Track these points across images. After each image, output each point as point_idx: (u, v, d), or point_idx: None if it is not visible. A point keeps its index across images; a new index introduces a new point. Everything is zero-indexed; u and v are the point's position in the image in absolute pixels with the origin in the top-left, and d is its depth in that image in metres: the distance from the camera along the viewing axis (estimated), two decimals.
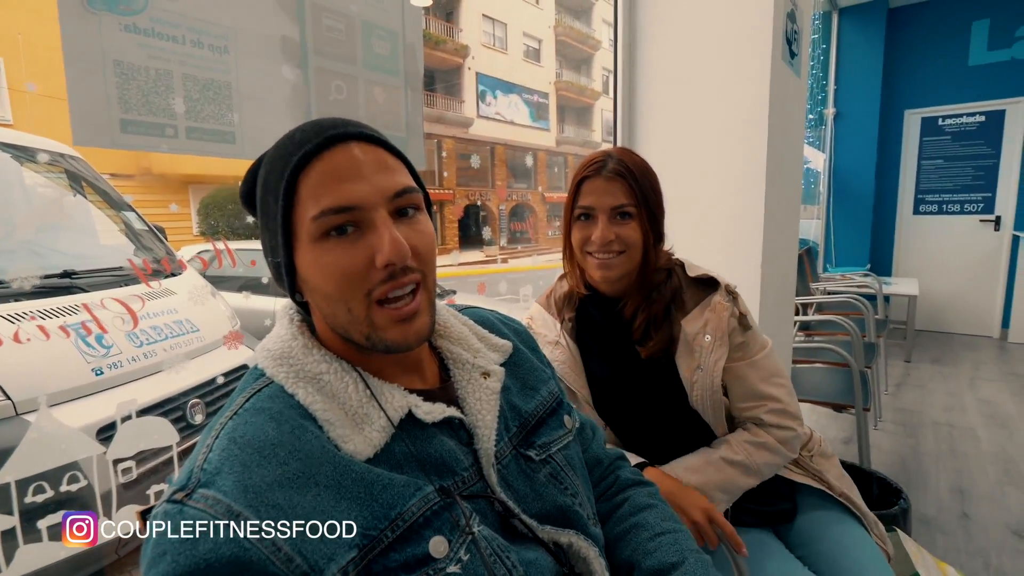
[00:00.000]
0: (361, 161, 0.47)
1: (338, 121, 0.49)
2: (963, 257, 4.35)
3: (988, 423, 2.68)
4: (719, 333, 0.88)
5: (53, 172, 1.34)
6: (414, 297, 0.48)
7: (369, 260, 0.46)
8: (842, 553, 0.87)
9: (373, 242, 0.46)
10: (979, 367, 3.58)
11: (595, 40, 16.74)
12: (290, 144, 0.48)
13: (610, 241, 0.86)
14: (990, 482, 2.11)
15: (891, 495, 1.49)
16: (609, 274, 0.88)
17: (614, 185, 0.85)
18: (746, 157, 1.49)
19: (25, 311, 0.93)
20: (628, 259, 0.88)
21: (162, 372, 1.11)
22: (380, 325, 0.47)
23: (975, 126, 4.23)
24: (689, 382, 0.89)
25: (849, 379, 1.95)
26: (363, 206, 0.46)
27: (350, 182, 0.46)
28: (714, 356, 0.88)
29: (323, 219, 0.45)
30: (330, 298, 0.47)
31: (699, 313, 0.90)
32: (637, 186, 0.86)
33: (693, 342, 0.89)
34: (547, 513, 0.55)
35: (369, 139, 0.48)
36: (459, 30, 13.45)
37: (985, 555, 1.67)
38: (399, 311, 0.47)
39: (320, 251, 0.46)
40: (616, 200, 0.86)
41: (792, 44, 1.64)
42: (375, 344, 0.48)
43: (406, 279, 0.47)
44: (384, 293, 0.47)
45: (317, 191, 0.45)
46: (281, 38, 0.74)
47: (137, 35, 0.62)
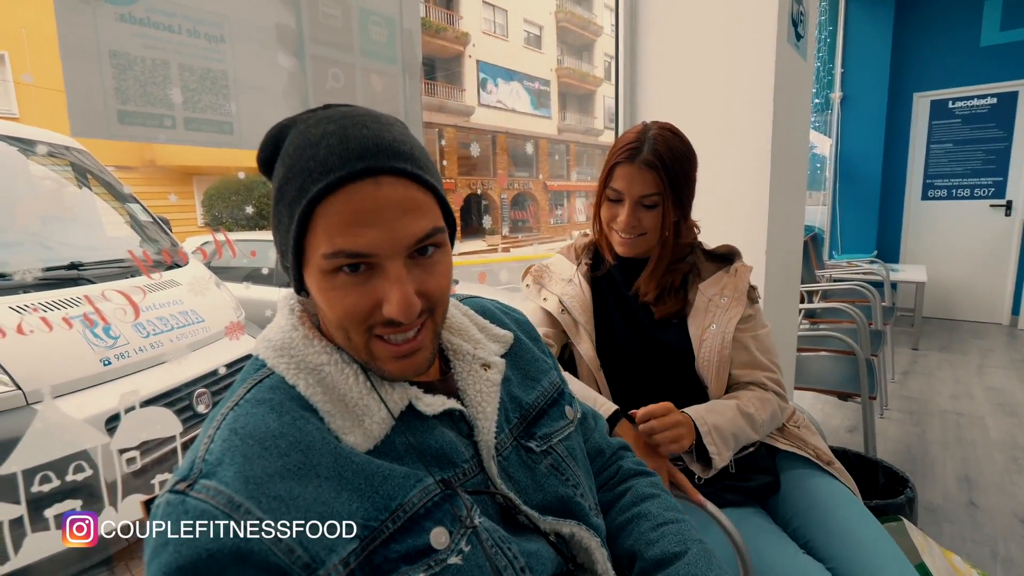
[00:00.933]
0: (384, 204, 0.43)
1: (368, 145, 0.43)
2: (973, 243, 4.29)
3: (996, 411, 2.67)
4: (737, 293, 0.95)
5: (58, 165, 1.35)
6: (417, 335, 0.48)
7: (376, 304, 0.45)
8: (833, 515, 0.88)
9: (383, 289, 0.44)
10: (988, 355, 3.56)
11: (597, 25, 16.53)
12: (312, 159, 0.43)
13: (633, 226, 0.93)
14: (998, 470, 2.11)
15: (897, 484, 1.49)
16: (629, 251, 0.96)
17: (645, 175, 0.90)
18: (751, 142, 1.47)
19: (31, 302, 0.94)
20: (647, 240, 0.95)
21: (168, 362, 1.12)
22: (379, 357, 0.47)
23: (986, 109, 4.15)
24: (699, 340, 0.93)
25: (855, 367, 1.94)
26: (379, 254, 0.44)
27: (370, 227, 0.43)
28: (729, 314, 0.94)
29: (334, 260, 0.43)
30: (332, 323, 0.47)
31: (719, 277, 0.98)
32: (667, 175, 0.90)
33: (709, 303, 0.95)
34: (548, 504, 0.55)
35: (404, 173, 0.44)
36: (459, 17, 13.31)
37: (992, 544, 1.67)
38: (400, 348, 0.47)
39: (328, 284, 0.45)
40: (643, 190, 0.91)
41: (798, 26, 1.60)
42: (374, 370, 0.48)
43: (410, 325, 0.46)
44: (386, 334, 0.46)
45: (332, 230, 0.43)
46: (276, 26, 0.73)
47: (132, 25, 0.61)
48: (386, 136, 0.45)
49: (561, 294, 0.98)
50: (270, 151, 0.49)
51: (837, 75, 4.46)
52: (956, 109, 4.26)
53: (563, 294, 0.98)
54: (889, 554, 0.81)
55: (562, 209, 14.54)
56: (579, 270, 1.01)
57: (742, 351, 0.95)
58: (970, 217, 4.30)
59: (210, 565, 0.36)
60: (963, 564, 1.09)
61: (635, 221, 0.92)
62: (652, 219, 0.92)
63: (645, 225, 0.93)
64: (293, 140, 0.46)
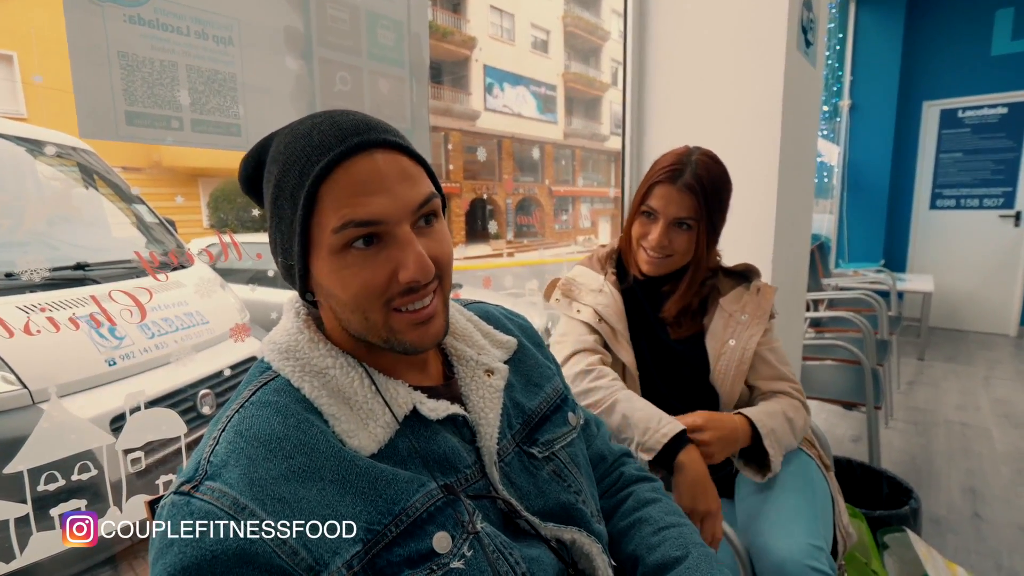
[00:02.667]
0: (384, 172, 0.45)
1: (359, 124, 0.46)
2: (981, 253, 4.26)
3: (1002, 423, 2.64)
4: (759, 312, 0.98)
5: (66, 166, 1.36)
6: (431, 302, 0.48)
7: (391, 274, 0.45)
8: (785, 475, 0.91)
9: (397, 257, 0.45)
10: (994, 366, 3.52)
11: (604, 31, 16.56)
12: (307, 146, 0.45)
13: (663, 246, 0.94)
14: (1003, 482, 2.08)
15: (901, 495, 1.47)
16: (653, 271, 0.97)
17: (684, 197, 0.91)
18: (759, 150, 1.47)
19: (38, 302, 0.94)
20: (673, 262, 0.96)
21: (173, 363, 1.12)
22: (398, 329, 0.47)
23: (996, 118, 4.13)
24: (716, 354, 0.95)
25: (860, 376, 1.92)
26: (387, 220, 0.44)
27: (374, 195, 0.44)
28: (750, 332, 0.96)
29: (345, 232, 0.44)
30: (347, 306, 0.47)
31: (739, 293, 1.00)
32: (705, 202, 0.91)
33: (729, 319, 0.97)
34: (550, 510, 0.55)
35: (394, 146, 0.46)
36: (466, 21, 13.37)
37: (997, 556, 1.65)
38: (417, 315, 0.47)
39: (340, 263, 0.45)
40: (680, 212, 0.92)
41: (808, 33, 1.60)
42: (393, 346, 0.48)
43: (426, 290, 0.47)
44: (403, 304, 0.47)
45: (339, 203, 0.44)
46: (285, 28, 0.73)
47: (141, 26, 0.61)
48: (371, 119, 0.48)
49: (595, 304, 0.98)
50: (252, 168, 0.50)
51: (846, 83, 4.45)
52: (966, 118, 4.24)
53: (596, 304, 0.98)
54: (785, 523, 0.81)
55: (567, 214, 14.55)
56: (607, 279, 1.01)
57: (763, 364, 0.98)
58: (978, 227, 4.27)
59: (214, 566, 0.36)
60: None
61: (666, 241, 0.93)
62: (683, 242, 0.93)
63: (675, 247, 0.94)
64: (281, 141, 0.47)
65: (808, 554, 0.76)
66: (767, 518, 0.83)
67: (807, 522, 0.82)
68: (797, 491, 0.88)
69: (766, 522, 0.83)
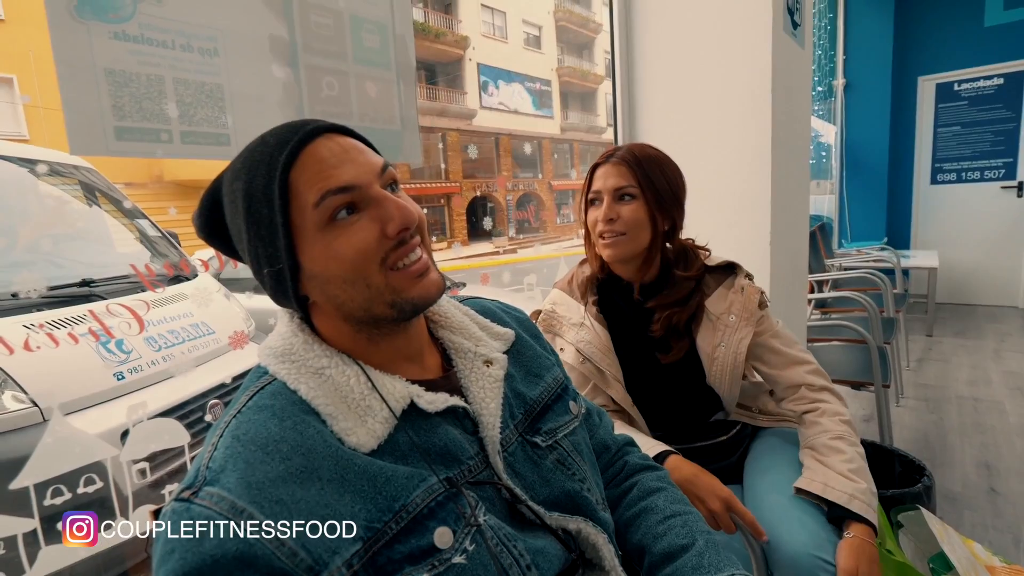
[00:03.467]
0: (344, 147, 0.49)
1: (305, 120, 0.51)
2: (984, 226, 4.22)
3: (1015, 395, 2.62)
4: (746, 314, 0.95)
5: (67, 184, 1.37)
6: (421, 254, 0.50)
7: (380, 232, 0.47)
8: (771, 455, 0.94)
9: (380, 214, 0.48)
10: (1004, 338, 3.49)
11: (596, 23, 16.48)
12: (266, 148, 0.48)
13: (611, 219, 0.92)
14: (1018, 456, 2.07)
15: (914, 473, 1.46)
16: (614, 252, 0.94)
17: (618, 169, 0.93)
18: (750, 133, 1.46)
19: (44, 320, 0.95)
20: (631, 240, 0.93)
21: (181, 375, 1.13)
22: (401, 287, 0.48)
23: (993, 89, 4.08)
24: (710, 358, 0.94)
25: (868, 356, 1.91)
26: (360, 184, 0.47)
27: (341, 166, 0.47)
28: (739, 335, 0.94)
29: (326, 202, 0.46)
30: (347, 280, 0.47)
31: (723, 293, 0.97)
32: (640, 170, 0.92)
33: (717, 321, 0.95)
34: (555, 499, 0.55)
35: (340, 130, 0.51)
36: (458, 21, 13.35)
37: (1015, 530, 1.64)
38: (414, 268, 0.49)
39: (329, 237, 0.47)
40: (619, 182, 0.92)
41: (794, 14, 1.59)
42: (401, 308, 0.49)
43: (413, 242, 0.50)
44: (398, 259, 0.48)
45: (312, 180, 0.46)
46: (270, 37, 0.74)
47: (127, 42, 0.62)
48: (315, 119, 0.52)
49: (576, 342, 0.95)
50: (208, 211, 0.52)
51: (839, 62, 4.41)
52: (962, 91, 4.20)
53: (578, 341, 0.94)
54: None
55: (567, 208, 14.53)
56: (588, 311, 0.97)
57: (771, 353, 0.97)
58: (981, 200, 4.23)
59: (215, 570, 0.37)
60: (984, 552, 1.07)
61: (613, 215, 0.92)
62: (628, 212, 0.92)
63: (624, 219, 0.92)
64: (235, 162, 0.50)
65: (818, 546, 0.76)
66: (777, 506, 0.83)
67: (818, 509, 0.81)
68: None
69: (776, 510, 0.82)
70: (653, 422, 0.98)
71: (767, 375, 0.99)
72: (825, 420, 0.91)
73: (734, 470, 1.00)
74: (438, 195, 11.83)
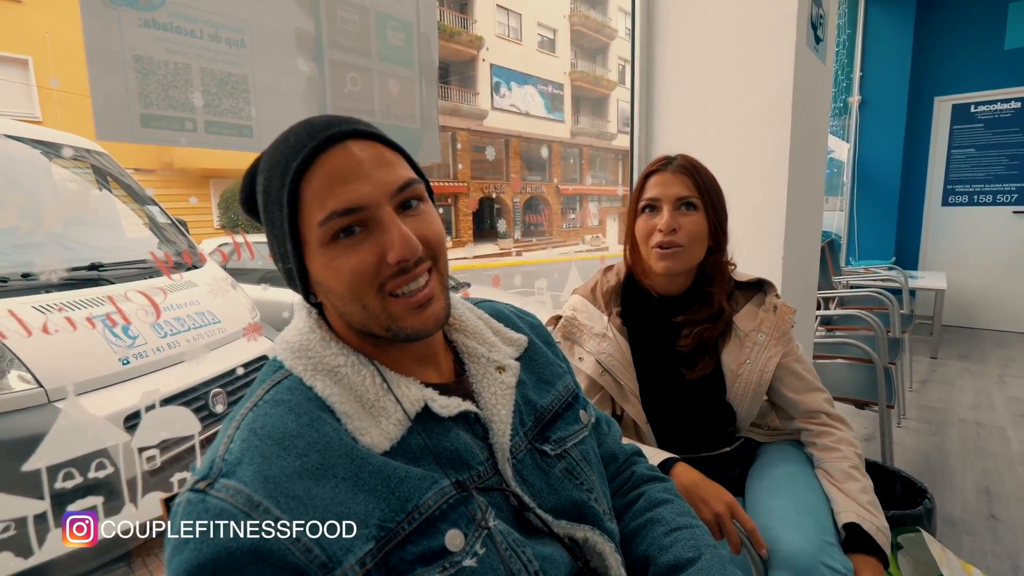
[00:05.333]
0: (360, 159, 0.46)
1: (331, 120, 0.48)
2: (994, 249, 4.20)
3: (1018, 421, 2.60)
4: (777, 333, 0.93)
5: (80, 168, 1.37)
6: (426, 284, 0.49)
7: (380, 258, 0.46)
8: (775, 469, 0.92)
9: (383, 240, 0.46)
10: (1009, 364, 3.47)
11: (611, 29, 16.49)
12: (286, 149, 0.47)
13: (673, 230, 0.89)
14: (1020, 482, 2.05)
15: (915, 495, 1.45)
16: (669, 265, 0.90)
17: (679, 178, 0.91)
18: (769, 147, 1.45)
19: (54, 302, 0.96)
20: (687, 252, 0.90)
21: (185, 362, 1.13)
22: (397, 315, 0.48)
23: (1010, 113, 4.05)
24: (734, 375, 0.92)
25: (872, 375, 1.90)
26: (368, 205, 0.46)
27: (352, 182, 0.45)
28: (767, 354, 0.93)
29: (330, 223, 0.45)
30: (344, 298, 0.47)
31: (753, 310, 0.96)
32: (701, 180, 0.91)
33: (745, 338, 0.93)
34: (562, 508, 0.55)
35: (364, 135, 0.48)
36: (473, 21, 13.37)
37: (1014, 557, 1.63)
38: (414, 298, 0.48)
39: (330, 255, 0.46)
40: (681, 191, 0.90)
41: (817, 29, 1.59)
42: (396, 334, 0.48)
43: (418, 270, 0.48)
44: (397, 286, 0.47)
45: (320, 195, 0.45)
46: (296, 31, 0.74)
47: (156, 30, 0.62)
48: (345, 116, 0.50)
49: (598, 353, 0.92)
50: (249, 188, 0.52)
51: (856, 78, 4.40)
52: (978, 113, 4.17)
53: (600, 353, 0.92)
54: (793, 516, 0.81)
55: (575, 213, 14.53)
56: (611, 322, 0.94)
57: (794, 378, 0.96)
58: (992, 223, 4.20)
59: (229, 563, 0.37)
60: None
61: (675, 224, 0.89)
62: (691, 224, 0.89)
63: (685, 230, 0.89)
64: (264, 154, 0.50)
65: (821, 550, 0.76)
66: (779, 515, 0.83)
67: (819, 518, 0.81)
68: (808, 487, 0.87)
69: (778, 519, 0.82)
70: (662, 435, 0.97)
71: (788, 398, 0.97)
72: (844, 448, 0.92)
73: (736, 483, 0.99)
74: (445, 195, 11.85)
